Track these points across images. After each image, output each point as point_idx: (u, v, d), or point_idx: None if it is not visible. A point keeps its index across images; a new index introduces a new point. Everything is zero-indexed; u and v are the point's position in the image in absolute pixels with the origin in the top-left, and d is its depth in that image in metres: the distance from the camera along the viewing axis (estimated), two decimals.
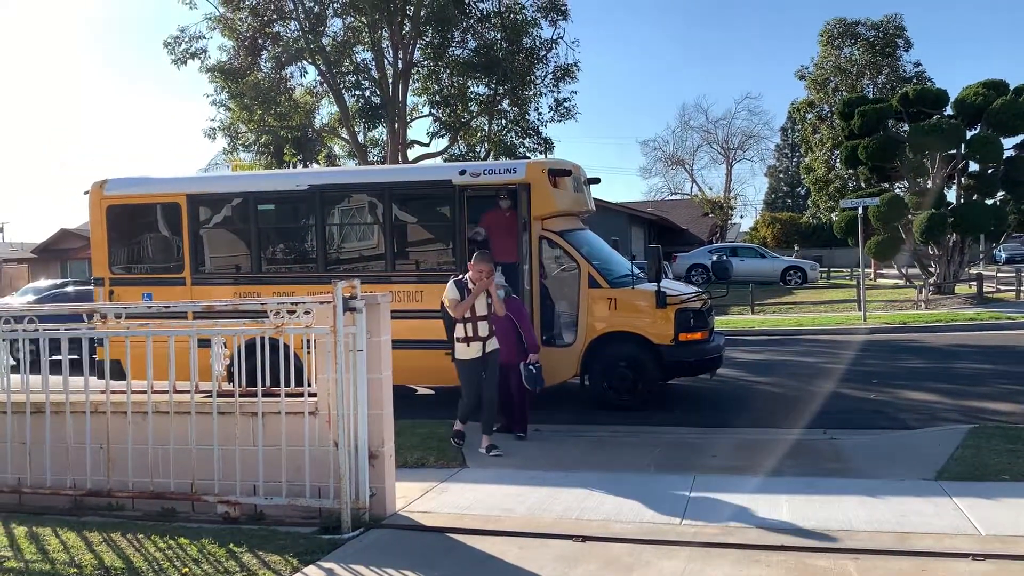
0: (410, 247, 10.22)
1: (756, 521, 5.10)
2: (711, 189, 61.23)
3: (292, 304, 5.25)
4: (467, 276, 7.25)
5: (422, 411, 9.26)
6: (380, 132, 25.86)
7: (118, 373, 6.44)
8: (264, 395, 5.35)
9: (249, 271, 10.15)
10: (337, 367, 4.97)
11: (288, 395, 5.31)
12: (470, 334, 7.19)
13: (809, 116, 47.12)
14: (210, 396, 5.36)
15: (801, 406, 9.65)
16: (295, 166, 28.04)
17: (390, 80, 23.21)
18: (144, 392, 5.44)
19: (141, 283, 10.30)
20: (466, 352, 7.23)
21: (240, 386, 5.41)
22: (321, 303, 5.09)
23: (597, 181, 11.03)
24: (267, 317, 5.25)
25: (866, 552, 4.49)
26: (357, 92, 23.97)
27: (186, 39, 22.63)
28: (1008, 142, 22.55)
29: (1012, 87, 22.47)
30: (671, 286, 10.00)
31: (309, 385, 5.35)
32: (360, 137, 25.40)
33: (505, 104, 24.23)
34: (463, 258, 9.45)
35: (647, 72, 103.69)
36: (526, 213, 9.36)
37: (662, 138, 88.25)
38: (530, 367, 7.71)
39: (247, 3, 22.49)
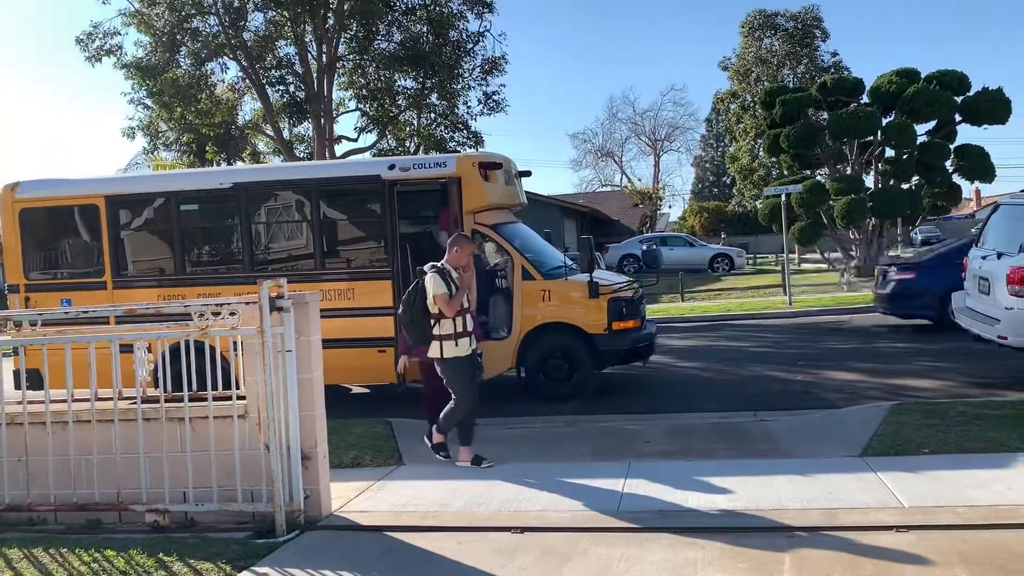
0: (340, 245, 10.07)
1: (691, 504, 5.19)
2: (640, 180, 62.17)
3: (217, 305, 5.11)
4: (445, 264, 6.49)
5: (357, 410, 9.15)
6: (306, 128, 25.44)
7: (37, 382, 6.20)
8: (191, 399, 5.20)
9: (173, 273, 9.87)
10: (266, 368, 4.87)
11: (216, 398, 5.18)
12: (459, 329, 6.41)
13: (732, 106, 48.17)
14: (134, 403, 5.20)
15: (732, 390, 9.86)
16: (218, 164, 27.39)
17: (315, 75, 22.82)
18: (64, 401, 5.23)
19: (60, 288, 9.91)
20: (456, 350, 6.41)
21: (166, 391, 5.25)
22: (247, 303, 4.97)
23: (528, 174, 11.05)
24: (192, 320, 5.11)
25: (797, 529, 4.61)
26: (281, 87, 23.52)
27: (100, 35, 21.82)
28: (921, 128, 23.41)
29: (923, 75, 23.32)
30: (603, 276, 10.09)
31: (238, 388, 5.22)
32: (285, 133, 24.93)
33: (433, 98, 24.08)
34: (395, 254, 9.37)
35: (575, 65, 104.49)
36: (457, 207, 9.32)
37: (591, 130, 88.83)
38: (479, 356, 7.27)
39: None
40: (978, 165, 23.17)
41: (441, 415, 6.67)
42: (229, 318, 5.06)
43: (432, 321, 6.41)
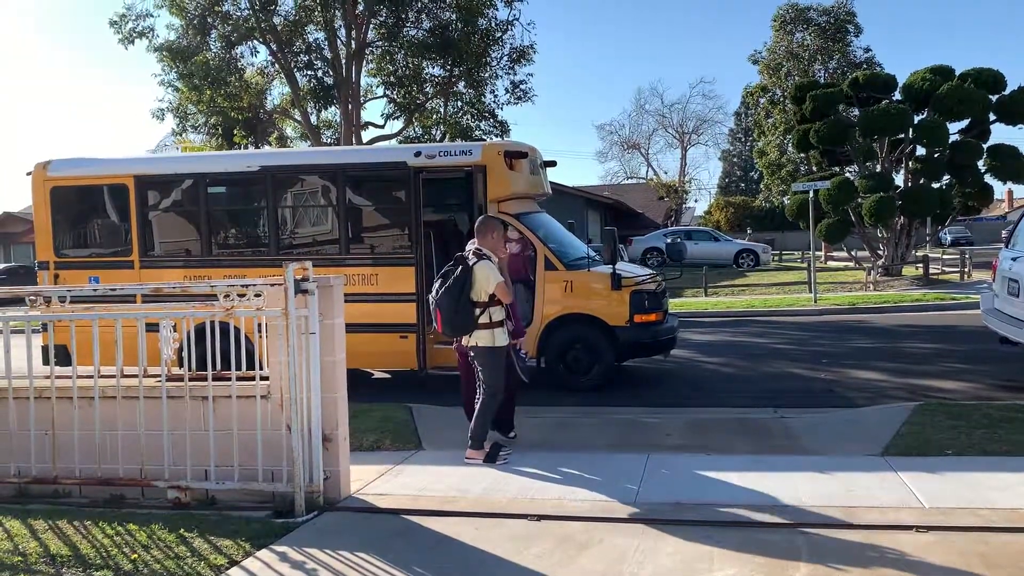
0: (364, 230, 10.12)
1: (708, 498, 5.17)
2: (666, 173, 61.90)
3: (242, 287, 5.16)
4: (484, 250, 6.28)
5: (378, 395, 9.21)
6: (333, 113, 25.54)
7: (65, 358, 6.29)
8: (215, 379, 5.26)
9: (199, 254, 9.97)
10: (289, 350, 4.91)
11: (240, 379, 5.24)
12: (505, 316, 6.37)
13: (762, 101, 47.74)
14: (159, 381, 5.27)
15: (752, 386, 9.81)
16: (246, 147, 27.57)
17: (343, 60, 22.88)
18: (91, 377, 5.31)
19: (88, 267, 10.05)
20: (504, 338, 6.36)
21: (190, 371, 5.32)
22: (272, 285, 5.01)
23: (553, 164, 11.03)
24: (217, 300, 5.16)
25: (815, 526, 4.59)
26: (309, 72, 23.59)
27: (133, 17, 22.02)
28: (954, 127, 23.04)
29: (958, 73, 22.95)
30: (626, 268, 10.07)
31: (261, 369, 5.28)
32: (313, 118, 25.03)
33: (461, 86, 24.06)
34: (418, 240, 9.40)
35: (603, 56, 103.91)
36: (482, 195, 9.33)
37: (618, 122, 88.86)
38: (522, 355, 6.93)
39: None
40: (1011, 165, 22.78)
41: (472, 424, 6.33)
42: (254, 299, 5.10)
43: (478, 310, 6.20)
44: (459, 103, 24.63)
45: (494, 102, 24.21)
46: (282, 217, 10.10)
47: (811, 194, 20.85)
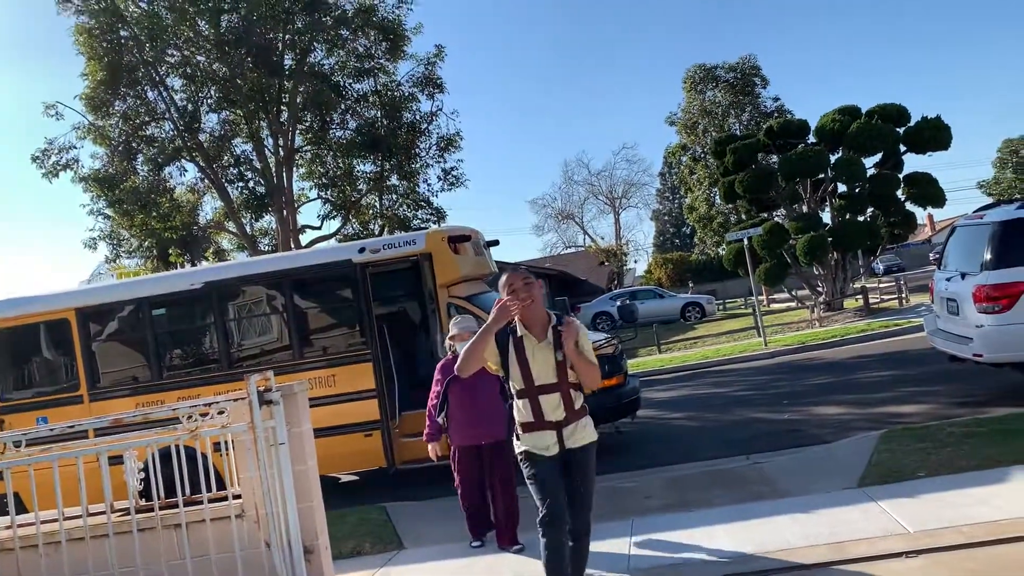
0: (317, 332, 10.04)
1: (701, 555, 5.17)
2: (603, 239, 63.01)
3: (205, 405, 5.07)
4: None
5: (349, 499, 9.01)
6: (269, 221, 25.48)
7: (19, 507, 6.05)
8: (185, 504, 5.11)
9: (150, 380, 9.75)
10: (260, 463, 4.81)
11: (211, 500, 5.09)
12: (528, 414, 4.25)
13: (684, 159, 49.21)
14: (128, 514, 5.09)
15: (721, 435, 9.88)
16: (182, 266, 27.26)
17: (273, 168, 23.00)
18: (55, 521, 5.11)
19: (34, 407, 9.72)
20: (527, 440, 4.28)
21: (158, 499, 5.15)
22: (235, 400, 4.93)
23: (496, 243, 11.19)
24: (179, 423, 5.05)
25: (807, 567, 4.61)
26: (240, 184, 23.62)
27: (55, 151, 21.88)
28: (869, 161, 24.11)
29: (864, 110, 24.12)
30: None
31: (231, 487, 5.14)
32: (248, 228, 24.94)
33: (394, 179, 24.33)
34: (373, 335, 9.36)
35: (526, 134, 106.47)
36: (431, 282, 9.39)
37: (549, 195, 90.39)
38: None
39: (117, 109, 22.00)
40: (928, 191, 23.84)
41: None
42: (218, 417, 5.01)
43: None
44: (394, 195, 24.86)
45: (428, 190, 24.51)
46: (231, 331, 9.98)
47: (745, 241, 21.45)
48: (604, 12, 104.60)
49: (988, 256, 8.24)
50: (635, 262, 67.74)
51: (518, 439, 4.30)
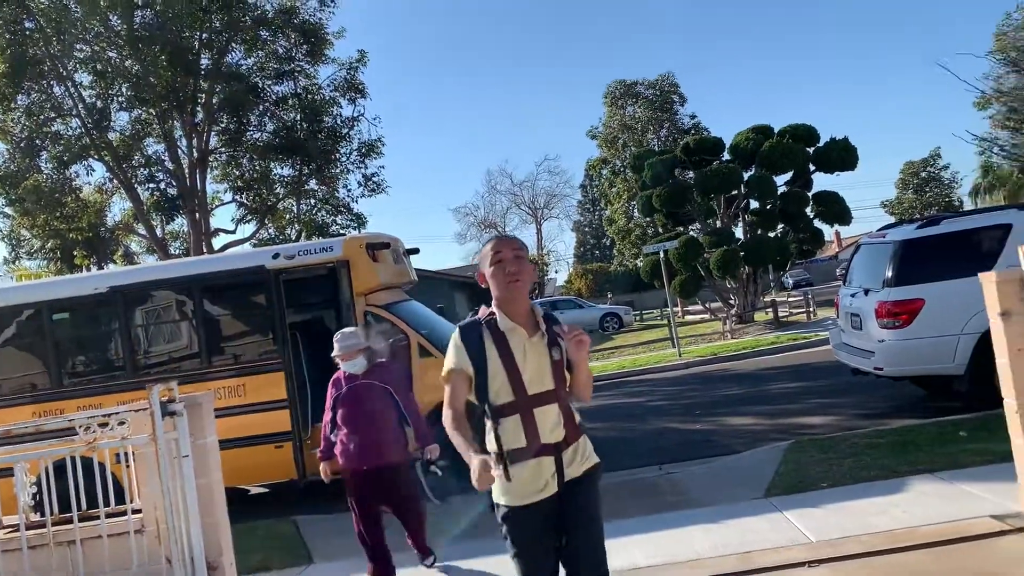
0: (227, 340, 9.75)
1: (611, 567, 5.18)
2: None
3: (104, 416, 4.84)
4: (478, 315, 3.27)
5: (259, 511, 8.76)
6: (180, 224, 24.72)
7: None
8: (81, 519, 4.86)
9: (50, 387, 9.30)
10: (162, 477, 4.62)
11: (109, 515, 4.86)
12: (519, 437, 3.07)
13: (604, 172, 50.03)
14: (17, 530, 4.81)
15: (636, 446, 10.01)
16: (88, 269, 26.19)
17: (186, 170, 22.31)
18: None
19: None
20: (511, 486, 3.10)
21: (52, 514, 4.89)
22: (137, 411, 4.73)
23: (416, 251, 11.09)
24: (77, 434, 4.80)
25: None
26: (151, 185, 22.83)
27: None
28: (780, 179, 24.96)
29: (777, 130, 24.97)
30: None
31: (131, 501, 4.93)
32: (159, 231, 24.14)
33: (312, 184, 23.93)
34: (285, 344, 9.15)
35: (450, 142, 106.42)
36: (348, 290, 9.23)
37: (472, 204, 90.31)
38: (433, 467, 5.77)
39: (20, 104, 20.99)
40: (835, 210, 24.82)
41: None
42: (118, 428, 4.79)
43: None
44: (312, 200, 24.45)
45: (348, 196, 24.19)
46: (138, 338, 9.60)
47: (662, 254, 21.89)
48: (531, 24, 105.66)
49: (889, 274, 8.58)
50: (556, 272, 68.46)
51: (501, 488, 3.07)
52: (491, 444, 3.09)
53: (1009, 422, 4.77)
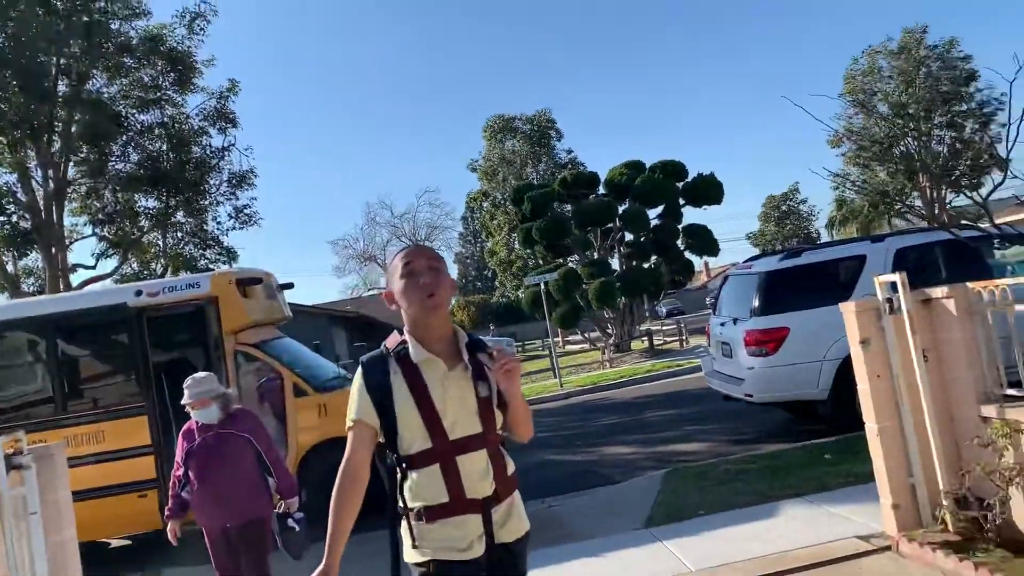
0: (85, 383, 9.13)
1: None
2: None
3: None
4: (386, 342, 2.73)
5: (119, 567, 8.18)
6: (35, 259, 23.14)
7: None
8: None
9: None
10: (7, 537, 4.21)
11: None
12: (439, 490, 2.52)
13: (485, 204, 50.37)
14: None
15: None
16: None
17: (42, 202, 20.93)
18: None
19: None
20: (426, 540, 2.56)
21: None
22: None
23: (290, 286, 10.76)
24: None
25: None
26: (2, 218, 21.34)
27: None
28: (653, 212, 25.84)
29: (649, 165, 25.92)
30: None
31: None
32: (10, 267, 22.52)
33: (180, 216, 22.94)
34: (149, 387, 8.65)
35: (327, 174, 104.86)
36: (217, 328, 8.83)
37: (351, 236, 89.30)
38: (290, 522, 5.14)
39: None
40: (704, 241, 25.91)
41: None
42: None
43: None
44: (180, 233, 23.42)
45: (218, 229, 23.31)
46: None
47: (542, 286, 22.16)
48: (411, 56, 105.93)
49: (756, 303, 8.94)
50: None
51: (413, 540, 2.58)
52: (409, 498, 2.54)
53: (871, 445, 4.99)
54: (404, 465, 2.55)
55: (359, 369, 2.61)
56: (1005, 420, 4.22)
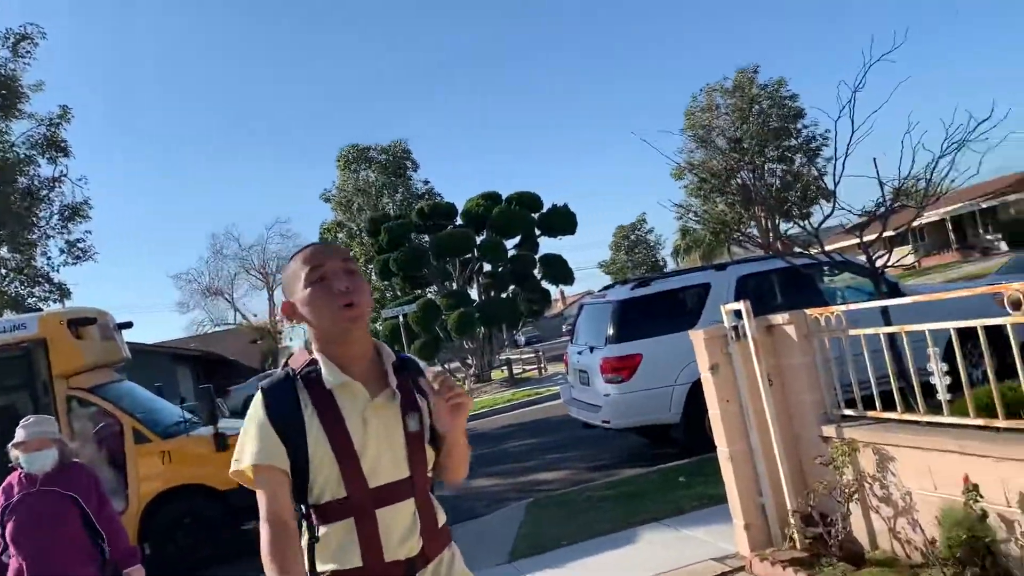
0: None
1: None
2: (256, 316, 60.73)
3: None
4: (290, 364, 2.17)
5: None
6: None
7: None
8: None
9: None
10: None
11: None
12: (352, 550, 2.00)
13: (340, 235, 49.49)
14: None
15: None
16: None
17: None
18: None
19: None
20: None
21: None
22: None
23: (129, 325, 10.11)
24: None
25: None
26: None
27: None
28: (510, 243, 26.20)
29: (505, 197, 26.31)
30: (230, 425, 9.43)
31: None
32: None
33: (4, 251, 21.21)
34: None
35: (170, 206, 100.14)
36: (46, 373, 8.15)
37: (196, 270, 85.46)
38: None
39: None
40: (560, 271, 26.50)
41: None
42: None
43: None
44: (3, 270, 21.64)
45: (48, 265, 21.70)
46: None
47: (401, 318, 21.93)
48: (256, 83, 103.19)
49: (610, 331, 9.15)
50: (290, 340, 66.11)
51: None
52: (319, 561, 2.00)
53: (722, 468, 5.16)
54: (313, 518, 2.02)
55: (258, 398, 2.04)
56: (843, 439, 4.46)
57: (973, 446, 3.64)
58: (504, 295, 26.58)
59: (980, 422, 3.70)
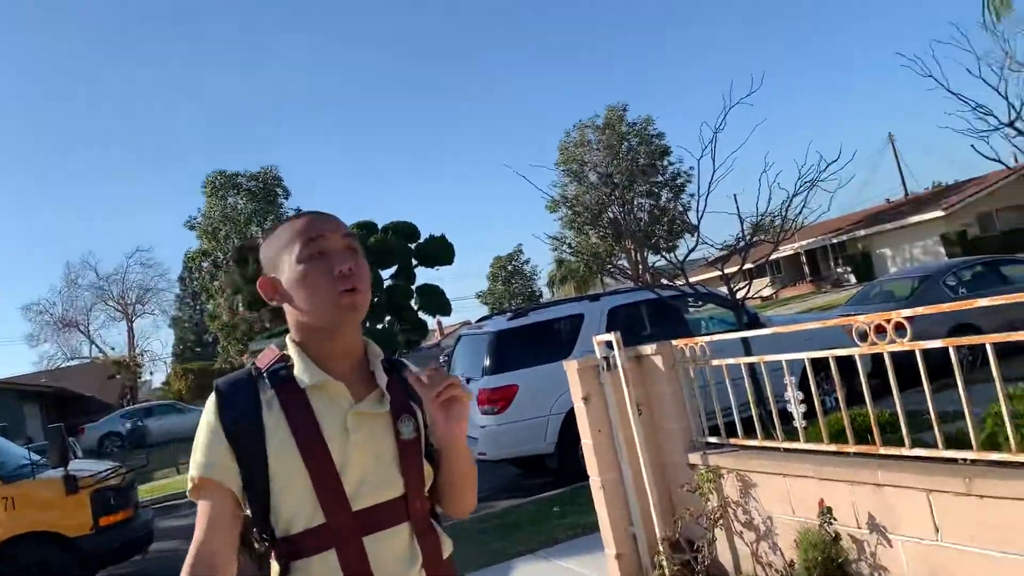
0: None
1: None
2: (114, 349, 57.53)
3: None
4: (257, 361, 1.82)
5: None
6: None
7: None
8: None
9: None
10: None
11: None
12: None
13: (205, 264, 47.71)
14: None
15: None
16: None
17: None
18: None
19: None
20: None
21: None
22: None
23: None
24: None
25: None
26: None
27: None
28: (386, 273, 25.94)
29: (381, 226, 26.06)
30: (82, 466, 8.88)
31: None
32: None
33: None
34: None
35: (18, 233, 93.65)
36: None
37: (48, 300, 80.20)
38: None
39: None
40: (437, 301, 26.43)
41: None
42: None
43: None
44: None
45: None
46: None
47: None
48: (120, 101, 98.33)
49: (487, 362, 9.19)
50: (151, 374, 62.89)
51: None
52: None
53: (595, 497, 5.24)
54: (282, 554, 1.58)
55: (211, 398, 1.65)
56: (708, 466, 4.63)
57: (827, 471, 3.86)
58: (380, 326, 26.23)
59: (833, 448, 3.92)
